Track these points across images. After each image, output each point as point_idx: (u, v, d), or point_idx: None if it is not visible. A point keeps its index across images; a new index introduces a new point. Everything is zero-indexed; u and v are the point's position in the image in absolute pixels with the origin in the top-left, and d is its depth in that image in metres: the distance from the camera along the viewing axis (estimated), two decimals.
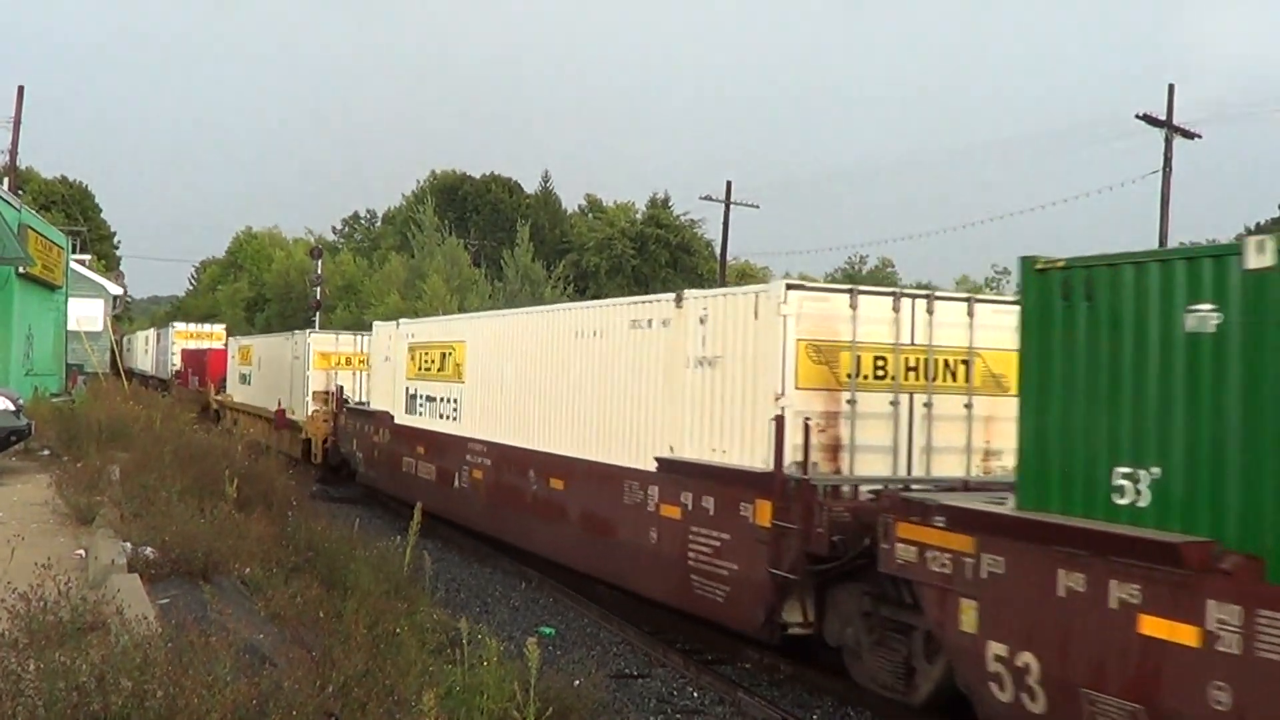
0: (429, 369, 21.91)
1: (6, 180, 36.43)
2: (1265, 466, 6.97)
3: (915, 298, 12.29)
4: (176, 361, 57.09)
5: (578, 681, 9.62)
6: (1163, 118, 33.37)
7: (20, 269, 27.32)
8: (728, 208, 47.62)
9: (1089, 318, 8.18)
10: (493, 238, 75.68)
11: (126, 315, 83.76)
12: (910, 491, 10.46)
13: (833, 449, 11.59)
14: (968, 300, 12.63)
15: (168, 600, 8.85)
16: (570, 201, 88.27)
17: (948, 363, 12.22)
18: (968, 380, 12.27)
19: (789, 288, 11.82)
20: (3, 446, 17.29)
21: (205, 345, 54.47)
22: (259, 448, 23.84)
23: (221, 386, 42.51)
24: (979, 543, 8.84)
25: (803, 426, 11.26)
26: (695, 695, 12.05)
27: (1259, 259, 7.07)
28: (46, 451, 18.79)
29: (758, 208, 56.07)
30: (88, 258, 54.82)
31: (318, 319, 47.18)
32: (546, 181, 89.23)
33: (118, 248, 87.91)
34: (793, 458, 11.27)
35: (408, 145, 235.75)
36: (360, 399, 27.92)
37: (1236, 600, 6.91)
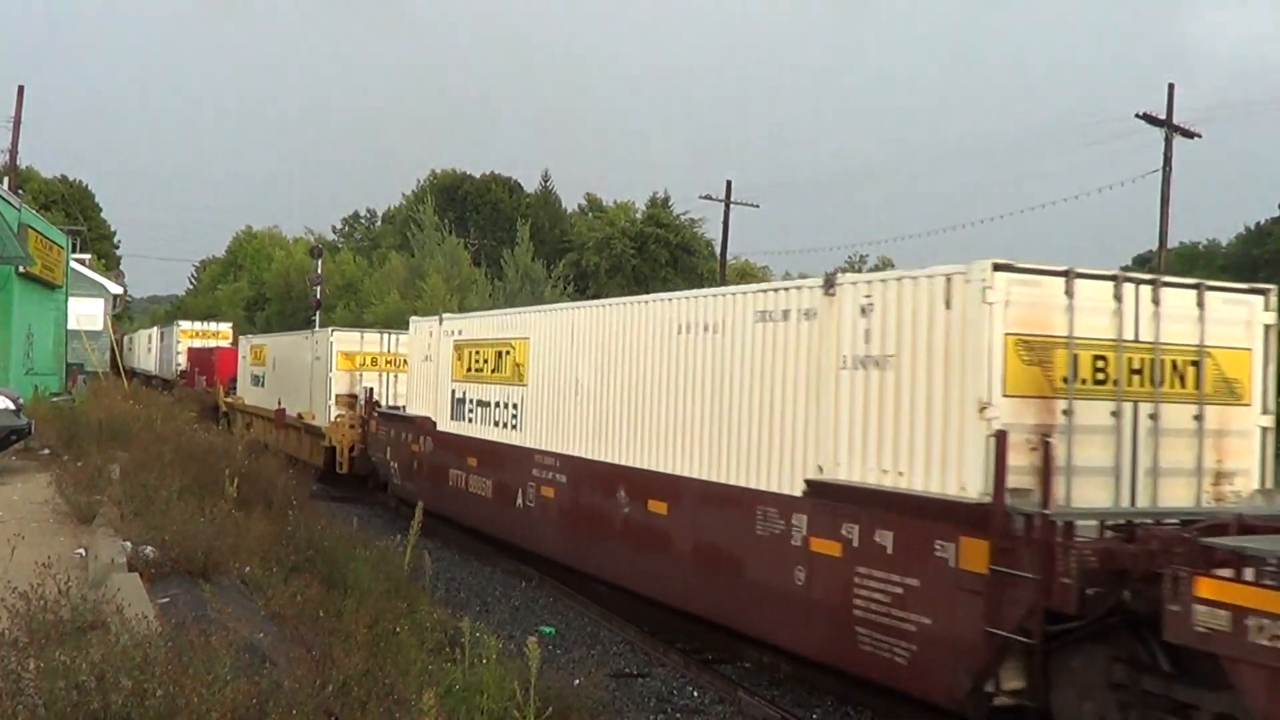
0: (480, 370, 19.75)
1: (6, 180, 36.40)
2: None
3: (1140, 283, 10.32)
4: (182, 361, 55.80)
5: (578, 680, 9.65)
6: (1165, 118, 33.36)
7: (20, 268, 27.34)
8: (728, 207, 47.60)
9: None
10: (493, 237, 75.70)
11: (126, 315, 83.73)
12: (1202, 533, 8.59)
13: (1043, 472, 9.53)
14: (1197, 288, 10.55)
15: (168, 599, 8.86)
16: (570, 201, 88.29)
17: (1175, 364, 10.28)
18: (1198, 386, 10.34)
19: (996, 268, 9.59)
20: (3, 446, 17.30)
21: (212, 344, 53.63)
22: (286, 461, 21.70)
23: (231, 388, 40.31)
24: None
25: (1040, 444, 9.37)
26: (695, 694, 12.07)
27: None
28: (46, 450, 18.78)
29: (758, 207, 56.28)
30: (88, 257, 54.67)
31: (318, 318, 47.13)
32: (546, 181, 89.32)
33: (118, 247, 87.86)
34: (1012, 484, 9.22)
35: (408, 145, 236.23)
36: (391, 403, 25.64)
37: None
